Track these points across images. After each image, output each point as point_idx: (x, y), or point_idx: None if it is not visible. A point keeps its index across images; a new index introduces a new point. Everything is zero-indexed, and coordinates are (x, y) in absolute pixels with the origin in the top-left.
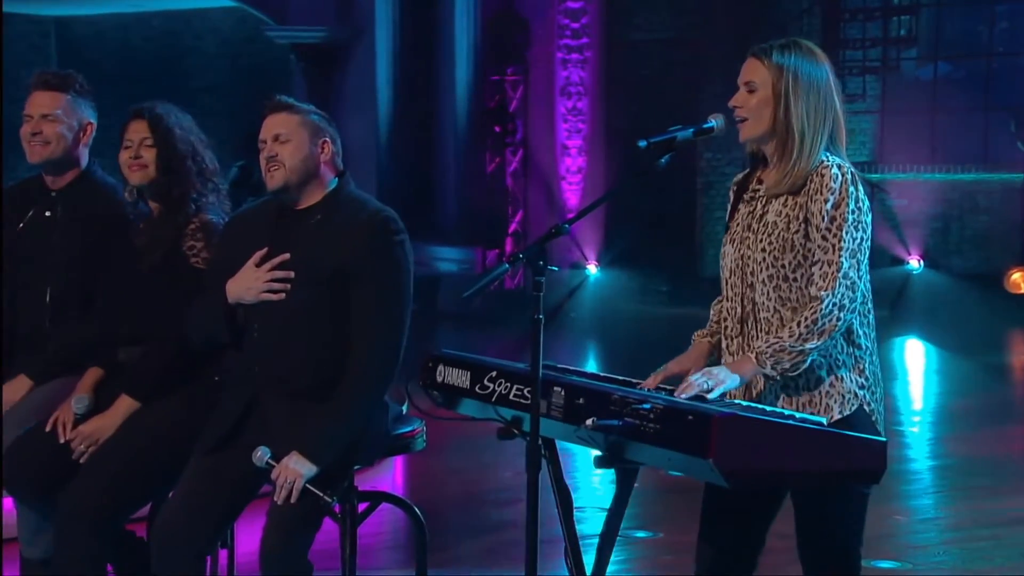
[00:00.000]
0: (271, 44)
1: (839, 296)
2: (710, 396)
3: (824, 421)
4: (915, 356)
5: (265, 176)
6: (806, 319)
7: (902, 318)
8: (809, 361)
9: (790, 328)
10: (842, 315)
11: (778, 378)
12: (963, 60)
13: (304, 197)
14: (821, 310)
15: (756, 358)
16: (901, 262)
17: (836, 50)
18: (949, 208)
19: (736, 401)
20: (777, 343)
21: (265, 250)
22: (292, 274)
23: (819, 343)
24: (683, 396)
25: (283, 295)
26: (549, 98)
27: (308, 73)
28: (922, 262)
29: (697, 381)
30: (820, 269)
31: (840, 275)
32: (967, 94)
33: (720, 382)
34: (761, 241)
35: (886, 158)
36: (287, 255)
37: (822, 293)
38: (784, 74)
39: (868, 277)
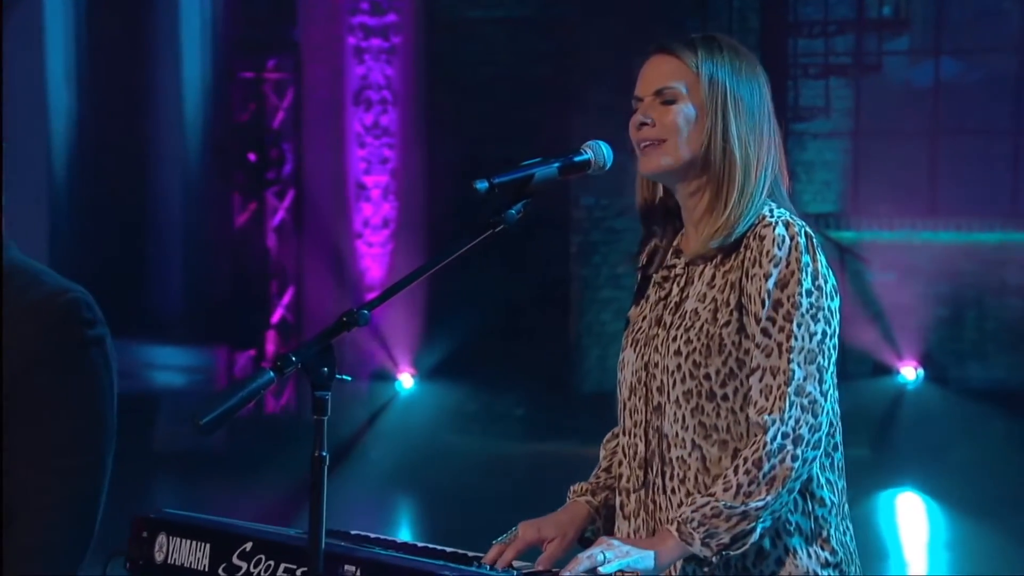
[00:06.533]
0: None
1: (791, 422)
2: None
3: None
4: (911, 520)
5: None
6: (746, 461)
7: (890, 460)
8: (760, 530)
9: (724, 478)
10: (799, 452)
11: (714, 560)
12: (979, 55)
13: None
14: (766, 445)
15: (678, 530)
16: (887, 371)
17: (785, 39)
18: (961, 287)
19: None
20: (708, 504)
21: None
22: None
23: (770, 499)
24: None
25: None
26: (336, 108)
27: None
28: (920, 371)
29: (595, 556)
30: (761, 381)
31: (791, 390)
32: (986, 108)
33: (628, 563)
34: (676, 340)
35: (862, 208)
36: None
37: (765, 418)
38: (719, 80)
39: (836, 394)
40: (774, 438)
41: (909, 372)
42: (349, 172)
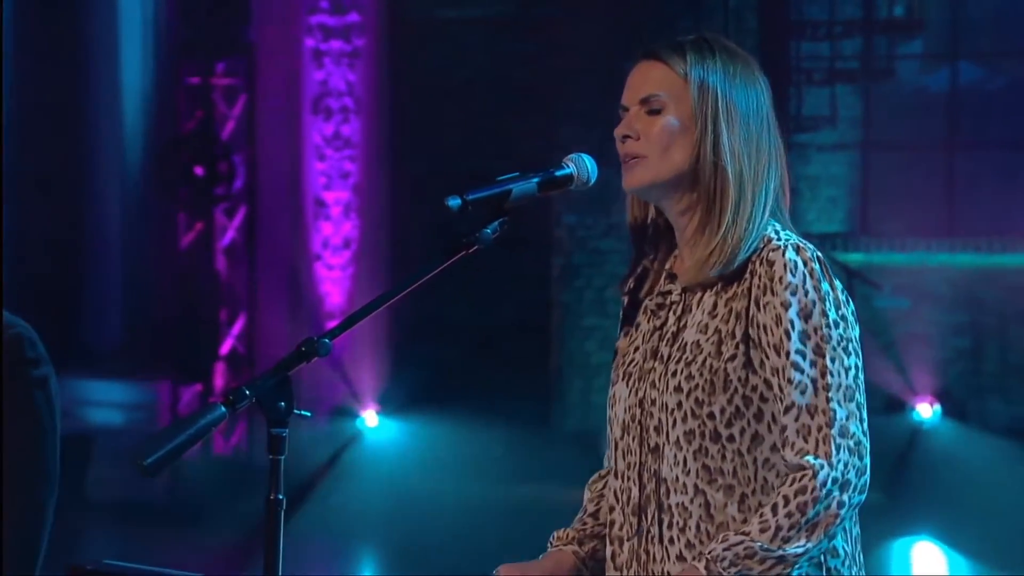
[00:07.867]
0: None
1: (840, 467)
2: None
3: None
4: (928, 570)
5: None
6: (788, 502)
7: (904, 505)
8: None
9: (762, 518)
10: (845, 498)
11: None
12: (1001, 59)
13: None
14: (815, 489)
15: (707, 568)
16: (901, 407)
17: (786, 41)
18: (982, 313)
19: None
20: (742, 543)
21: None
22: None
23: (810, 545)
24: None
25: None
26: (292, 118)
27: None
28: (937, 407)
29: None
30: (797, 420)
31: (835, 431)
32: (1008, 118)
33: None
34: (676, 375)
35: (872, 227)
36: None
37: (811, 460)
38: (709, 87)
39: None
40: (824, 483)
41: (924, 409)
42: (307, 188)
